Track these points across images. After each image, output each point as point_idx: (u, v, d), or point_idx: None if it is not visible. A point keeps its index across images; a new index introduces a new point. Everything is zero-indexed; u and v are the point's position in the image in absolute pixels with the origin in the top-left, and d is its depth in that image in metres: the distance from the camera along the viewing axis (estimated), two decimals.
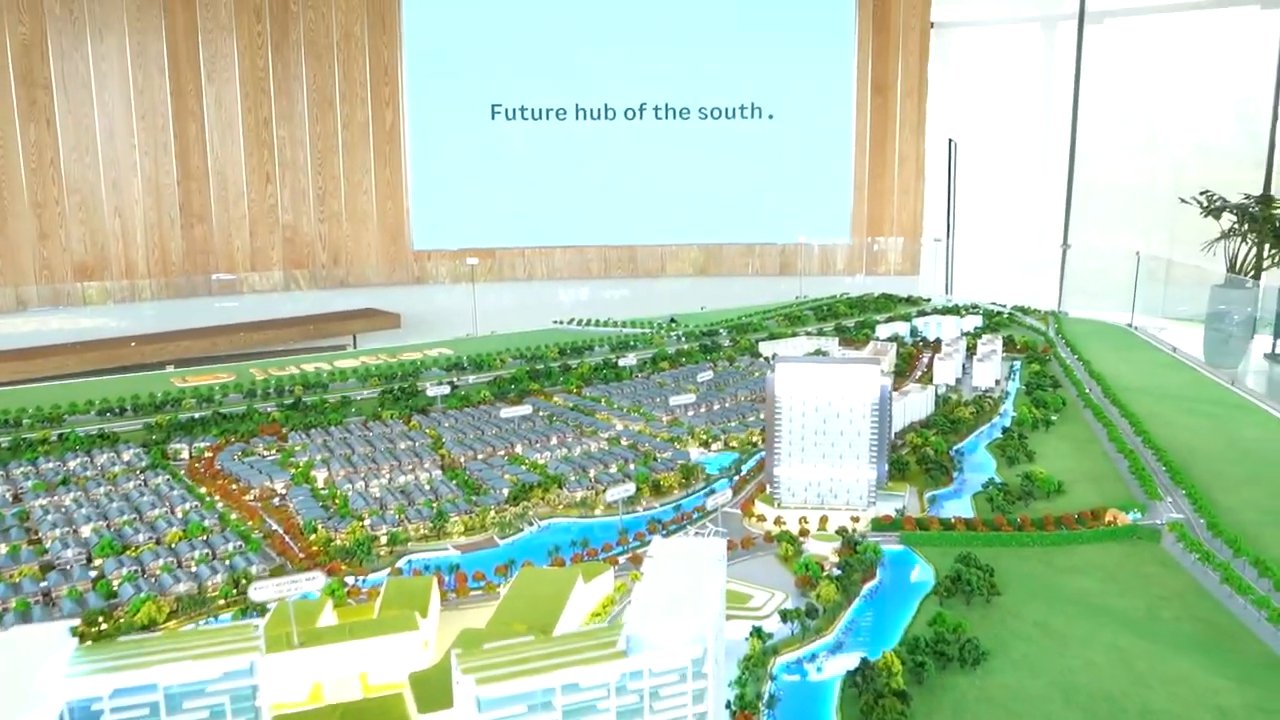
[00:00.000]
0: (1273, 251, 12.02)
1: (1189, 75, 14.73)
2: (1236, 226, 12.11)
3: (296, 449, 5.23)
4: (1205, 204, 12.32)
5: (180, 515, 4.24)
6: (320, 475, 4.80)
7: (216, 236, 12.27)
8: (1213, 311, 11.98)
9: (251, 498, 4.59)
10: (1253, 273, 12.11)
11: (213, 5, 11.84)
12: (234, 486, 4.72)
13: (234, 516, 4.27)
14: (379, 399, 6.37)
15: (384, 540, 4.02)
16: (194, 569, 3.68)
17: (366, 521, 4.12)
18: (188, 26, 11.76)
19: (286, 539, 4.07)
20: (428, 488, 4.60)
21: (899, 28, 13.60)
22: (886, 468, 4.34)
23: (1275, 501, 4.28)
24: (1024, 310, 9.43)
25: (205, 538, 3.97)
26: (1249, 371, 11.35)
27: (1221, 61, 14.51)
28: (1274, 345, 12.26)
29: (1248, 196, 12.16)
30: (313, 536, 4.03)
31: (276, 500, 4.58)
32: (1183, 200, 12.62)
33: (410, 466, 4.87)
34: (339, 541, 3.95)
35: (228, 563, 3.74)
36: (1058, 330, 8.36)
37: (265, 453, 5.27)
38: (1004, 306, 9.57)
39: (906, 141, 13.86)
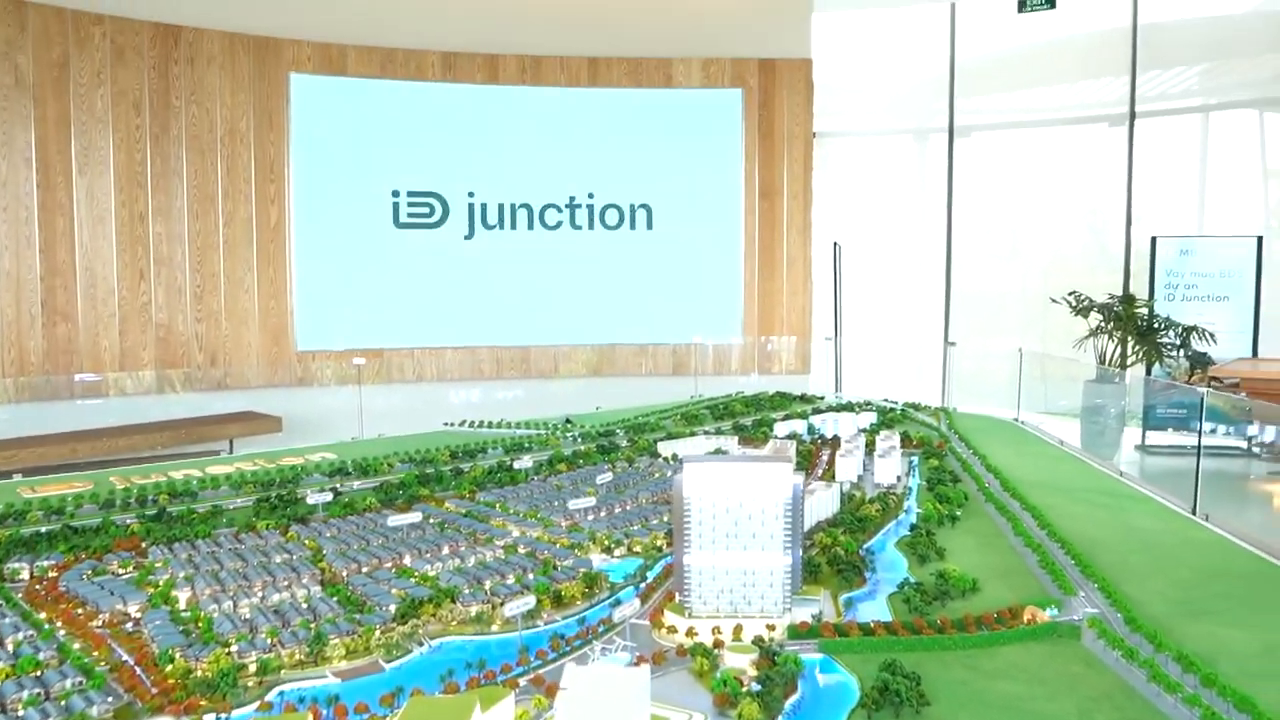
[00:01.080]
0: (1136, 347, 12.70)
1: (1045, 187, 15.81)
2: (1103, 325, 12.78)
3: (157, 565, 4.71)
4: (1074, 304, 12.99)
5: (11, 648, 3.70)
6: (183, 595, 4.31)
7: (82, 335, 11.49)
8: (1087, 405, 12.50)
9: (99, 624, 4.06)
10: (1119, 367, 12.75)
11: (88, 96, 11.37)
12: (79, 611, 4.17)
13: (76, 647, 3.75)
14: (254, 508, 5.88)
15: (253, 669, 3.57)
16: (21, 713, 3.17)
17: (233, 647, 3.67)
18: (59, 117, 11.23)
19: (138, 671, 3.57)
20: (305, 606, 4.17)
21: (784, 136, 14.13)
22: (801, 570, 4.16)
23: (1181, 593, 4.28)
24: (915, 406, 9.58)
25: (39, 674, 3.45)
26: (1122, 462, 11.81)
27: (1074, 175, 15.64)
28: (1143, 437, 12.83)
29: (1112, 296, 12.89)
30: (169, 667, 3.54)
31: (129, 626, 4.06)
32: (1053, 300, 13.30)
33: (286, 582, 4.42)
34: (200, 672, 3.49)
35: (63, 704, 3.23)
36: (950, 425, 8.48)
37: (120, 571, 4.73)
38: (895, 403, 9.71)
39: (794, 244, 14.24)
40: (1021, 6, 14.87)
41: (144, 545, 5.07)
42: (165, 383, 12.07)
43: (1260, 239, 13.15)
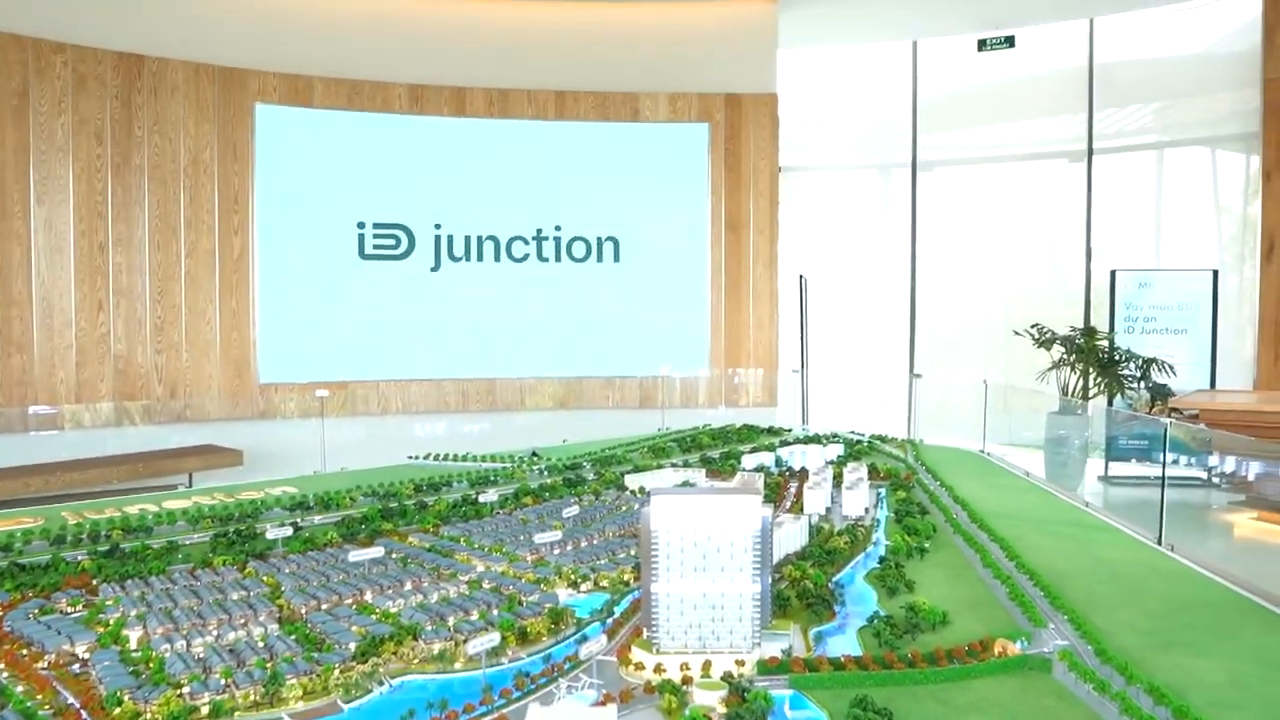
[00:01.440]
0: (1098, 379, 12.86)
1: (1007, 222, 16.10)
2: (1065, 357, 12.94)
3: (107, 604, 4.55)
4: (1036, 336, 13.15)
5: None
6: (134, 634, 4.16)
7: (38, 366, 11.23)
8: (1051, 436, 12.63)
9: (44, 665, 3.90)
10: (1081, 398, 12.91)
11: (48, 125, 11.21)
12: (24, 652, 4.01)
13: (19, 690, 3.60)
14: (211, 543, 5.73)
15: (205, 710, 3.44)
16: None
17: (185, 689, 3.54)
18: (18, 145, 11.06)
19: (83, 715, 3.43)
20: (261, 644, 4.04)
21: (750, 170, 14.25)
22: (770, 604, 4.11)
23: (1150, 623, 4.28)
24: (882, 438, 9.60)
25: None
26: (1086, 493, 11.93)
27: (1034, 210, 15.95)
28: (1106, 468, 12.96)
29: (1074, 329, 13.07)
30: (117, 710, 3.41)
31: (76, 667, 3.91)
32: (1016, 333, 13.46)
33: (242, 620, 4.29)
34: (149, 715, 3.36)
35: None
36: (917, 457, 8.50)
37: (69, 609, 4.57)
38: (862, 435, 9.72)
39: (760, 277, 14.31)
40: (981, 46, 15.21)
41: (95, 583, 4.90)
42: (123, 415, 11.82)
43: (1216, 273, 13.43)
